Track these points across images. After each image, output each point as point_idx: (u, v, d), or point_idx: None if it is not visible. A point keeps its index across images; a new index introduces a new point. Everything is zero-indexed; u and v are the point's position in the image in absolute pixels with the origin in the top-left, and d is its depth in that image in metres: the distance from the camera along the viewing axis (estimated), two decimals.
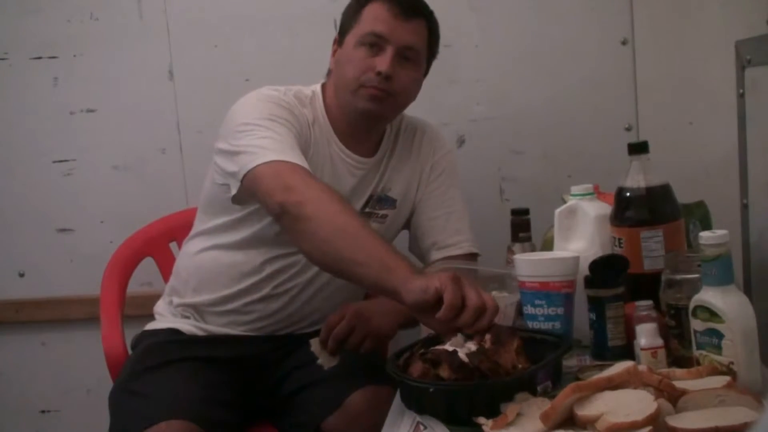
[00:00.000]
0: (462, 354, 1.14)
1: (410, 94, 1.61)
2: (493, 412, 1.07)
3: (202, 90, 2.07)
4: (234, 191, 1.45)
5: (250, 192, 1.42)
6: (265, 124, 1.47)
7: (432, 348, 1.18)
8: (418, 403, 1.14)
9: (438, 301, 1.16)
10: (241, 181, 1.42)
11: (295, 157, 1.42)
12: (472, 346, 1.17)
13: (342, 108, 1.59)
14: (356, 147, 1.63)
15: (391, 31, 1.53)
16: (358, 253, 1.27)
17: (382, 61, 1.52)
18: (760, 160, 1.54)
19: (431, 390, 1.11)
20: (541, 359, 1.17)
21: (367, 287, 1.30)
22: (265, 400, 1.62)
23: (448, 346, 1.17)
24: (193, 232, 1.71)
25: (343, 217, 1.31)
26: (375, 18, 1.54)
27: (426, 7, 1.60)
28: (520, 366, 1.15)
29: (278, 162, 1.40)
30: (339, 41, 1.61)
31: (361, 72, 1.53)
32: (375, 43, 1.53)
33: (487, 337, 1.19)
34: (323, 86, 1.66)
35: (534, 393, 1.13)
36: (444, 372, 1.12)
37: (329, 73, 1.65)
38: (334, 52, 1.62)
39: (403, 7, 1.55)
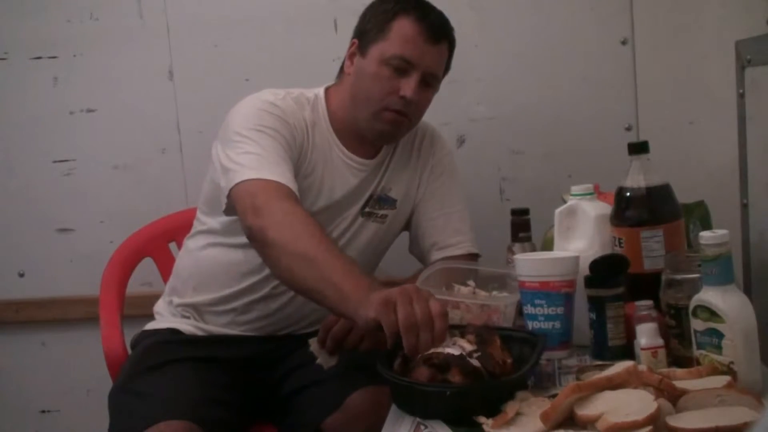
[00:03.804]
0: (469, 358, 1.14)
1: (423, 114, 1.64)
2: (493, 412, 1.08)
3: (202, 90, 2.07)
4: (223, 206, 1.49)
5: (234, 209, 1.45)
6: (252, 136, 1.49)
7: (435, 352, 1.17)
8: (425, 408, 1.13)
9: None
10: (227, 198, 1.46)
11: (274, 173, 1.43)
12: (464, 344, 1.17)
13: (355, 119, 1.60)
14: (358, 149, 1.63)
15: (419, 56, 1.54)
16: (316, 282, 1.28)
17: (407, 86, 1.53)
18: (760, 160, 1.54)
19: (448, 393, 1.11)
20: (517, 354, 1.20)
21: (331, 312, 1.33)
22: (265, 401, 1.62)
23: (440, 348, 1.18)
24: (193, 230, 1.71)
25: (302, 243, 1.31)
26: (405, 39, 1.53)
27: (450, 27, 1.61)
28: (509, 361, 1.17)
29: (253, 181, 1.42)
30: (360, 47, 1.59)
31: (386, 93, 1.54)
32: (401, 67, 1.54)
33: (471, 337, 1.20)
34: (327, 90, 1.66)
35: (526, 387, 1.16)
36: (454, 377, 1.11)
37: (342, 74, 1.64)
38: (352, 55, 1.61)
39: (433, 30, 1.55)
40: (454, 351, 1.16)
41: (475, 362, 1.13)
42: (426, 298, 1.18)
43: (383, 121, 1.56)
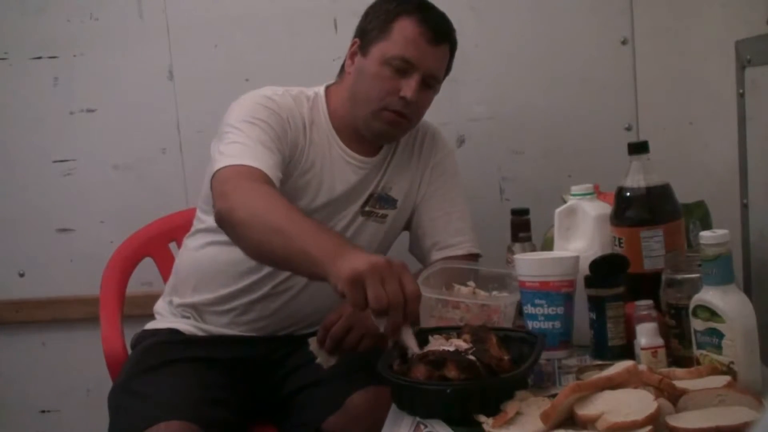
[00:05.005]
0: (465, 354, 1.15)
1: (423, 115, 1.64)
2: (493, 411, 1.08)
3: (202, 90, 2.07)
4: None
5: None
6: (240, 126, 1.50)
7: (431, 350, 1.18)
8: (425, 407, 1.13)
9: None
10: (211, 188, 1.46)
11: (252, 159, 1.43)
12: (459, 343, 1.18)
13: (354, 118, 1.60)
14: (358, 147, 1.64)
15: (420, 57, 1.53)
16: (286, 251, 1.26)
17: (408, 88, 1.53)
18: (760, 160, 1.54)
19: (448, 391, 1.10)
20: (516, 354, 1.20)
21: (309, 279, 1.31)
22: (265, 401, 1.62)
23: (436, 347, 1.18)
24: (193, 228, 1.71)
25: (268, 216, 1.30)
26: (406, 40, 1.53)
27: (452, 29, 1.61)
28: (506, 358, 1.17)
29: (229, 167, 1.42)
30: (361, 47, 1.59)
31: (386, 93, 1.54)
32: (402, 68, 1.53)
33: (467, 336, 1.20)
34: (328, 88, 1.66)
35: (526, 385, 1.16)
36: (450, 372, 1.12)
37: (342, 73, 1.65)
38: (353, 54, 1.61)
39: (434, 32, 1.55)
40: (450, 349, 1.16)
41: (471, 357, 1.13)
42: (398, 274, 1.14)
43: (382, 121, 1.56)
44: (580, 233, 1.44)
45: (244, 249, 1.37)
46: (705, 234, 1.10)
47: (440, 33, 1.57)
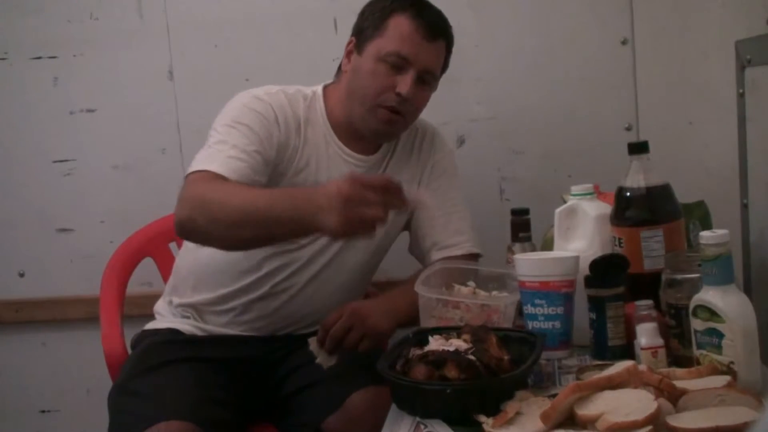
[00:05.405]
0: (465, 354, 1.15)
1: (420, 112, 1.64)
2: (493, 411, 1.08)
3: (202, 90, 2.07)
4: None
5: None
6: (220, 130, 1.51)
7: (431, 350, 1.18)
8: (425, 406, 1.13)
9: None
10: None
11: (218, 164, 1.43)
12: (459, 343, 1.18)
13: (351, 116, 1.60)
14: (357, 146, 1.63)
15: (415, 53, 1.53)
16: (264, 230, 1.30)
17: (403, 84, 1.53)
18: (760, 160, 1.54)
19: (448, 391, 1.11)
20: (516, 354, 1.21)
21: (298, 239, 1.38)
22: (265, 401, 1.62)
23: (435, 347, 1.18)
24: None
25: (231, 206, 1.32)
26: (401, 36, 1.53)
27: (447, 25, 1.61)
28: (506, 357, 1.17)
29: (191, 174, 1.44)
30: (357, 45, 1.59)
31: (382, 90, 1.54)
32: (398, 64, 1.53)
33: (467, 336, 1.21)
34: (326, 87, 1.66)
35: (526, 386, 1.17)
36: (450, 372, 1.12)
37: (339, 72, 1.65)
38: (349, 53, 1.61)
39: (429, 28, 1.55)
40: (450, 349, 1.16)
41: (471, 357, 1.14)
42: (360, 185, 1.19)
43: (378, 119, 1.56)
44: (580, 233, 1.44)
45: (222, 247, 1.39)
46: (705, 234, 1.11)
47: (435, 28, 1.56)
